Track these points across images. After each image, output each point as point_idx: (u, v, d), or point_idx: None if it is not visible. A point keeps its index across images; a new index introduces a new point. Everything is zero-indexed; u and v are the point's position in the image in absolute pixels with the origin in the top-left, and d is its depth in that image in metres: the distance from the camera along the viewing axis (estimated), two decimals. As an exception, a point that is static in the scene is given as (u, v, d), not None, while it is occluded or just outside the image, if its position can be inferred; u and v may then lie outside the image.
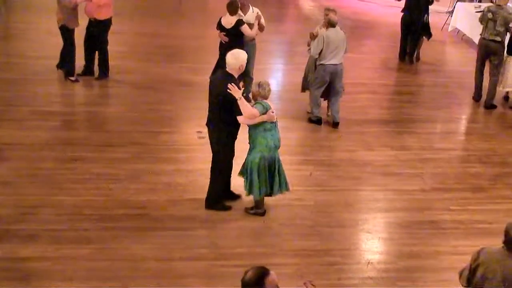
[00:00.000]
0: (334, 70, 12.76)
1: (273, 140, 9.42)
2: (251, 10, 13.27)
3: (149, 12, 19.85)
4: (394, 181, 11.07)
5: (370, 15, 21.17)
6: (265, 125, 9.33)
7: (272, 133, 9.42)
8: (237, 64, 9.32)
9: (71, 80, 13.87)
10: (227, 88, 9.04)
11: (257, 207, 9.87)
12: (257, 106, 9.22)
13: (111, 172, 10.58)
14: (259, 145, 9.39)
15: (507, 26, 14.33)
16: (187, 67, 15.36)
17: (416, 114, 13.93)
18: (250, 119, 9.19)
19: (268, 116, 9.24)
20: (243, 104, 9.08)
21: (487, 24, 14.51)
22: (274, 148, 9.45)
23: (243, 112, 9.10)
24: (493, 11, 14.44)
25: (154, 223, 9.36)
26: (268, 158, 9.43)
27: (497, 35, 14.41)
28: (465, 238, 9.58)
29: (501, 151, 12.40)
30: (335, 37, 12.62)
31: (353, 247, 9.31)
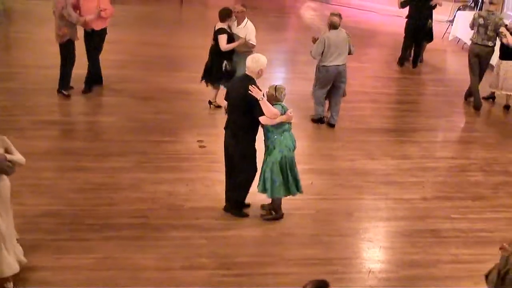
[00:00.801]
0: (337, 71, 12.99)
1: (291, 141, 9.59)
2: (243, 24, 13.12)
3: (149, 21, 19.89)
4: (395, 189, 11.07)
5: (370, 24, 21.19)
6: (284, 126, 9.47)
7: (290, 134, 9.59)
8: (257, 67, 9.38)
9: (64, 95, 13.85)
10: (248, 90, 9.11)
11: (276, 211, 9.95)
12: (277, 107, 9.34)
13: (112, 182, 10.58)
14: (279, 145, 9.50)
15: (497, 31, 14.53)
16: (187, 76, 15.35)
17: (417, 123, 13.94)
18: (272, 118, 9.25)
19: (287, 117, 9.37)
20: (265, 104, 9.16)
21: (478, 29, 14.76)
22: (293, 148, 9.62)
23: (265, 112, 9.16)
24: (484, 16, 14.70)
25: (155, 232, 9.35)
26: (289, 158, 9.55)
27: (489, 40, 14.71)
28: (466, 247, 9.57)
29: (503, 160, 12.39)
30: (336, 39, 12.86)
31: (354, 256, 9.30)
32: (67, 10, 13.09)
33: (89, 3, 13.63)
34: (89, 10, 13.61)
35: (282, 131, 9.49)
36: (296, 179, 9.72)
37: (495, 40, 14.76)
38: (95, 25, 13.83)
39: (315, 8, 23.35)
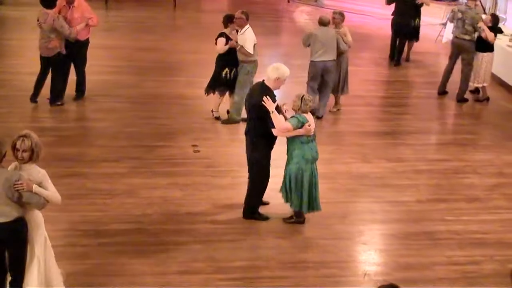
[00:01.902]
0: (324, 67, 13.57)
1: (310, 153, 9.55)
2: (242, 31, 13.02)
3: (143, 27, 19.90)
4: (390, 192, 11.09)
5: (366, 28, 21.22)
6: (302, 138, 9.45)
7: (310, 145, 9.55)
8: (273, 75, 9.47)
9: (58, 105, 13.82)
10: (262, 100, 9.20)
11: (298, 216, 9.97)
12: (292, 120, 9.34)
13: (107, 187, 10.60)
14: (296, 157, 9.52)
15: (474, 25, 14.99)
16: (183, 81, 15.40)
17: (411, 126, 13.97)
18: (283, 132, 9.32)
19: (304, 130, 9.36)
20: (276, 118, 9.22)
21: (457, 23, 15.32)
22: (311, 160, 9.58)
23: (276, 126, 9.25)
24: (462, 11, 15.26)
25: (150, 237, 9.37)
26: (308, 170, 9.54)
27: (466, 33, 15.17)
28: (461, 249, 9.58)
29: (497, 161, 12.42)
30: (322, 36, 13.45)
31: (349, 259, 9.31)
32: (60, 22, 12.99)
33: (74, 13, 13.52)
34: (74, 21, 13.50)
35: (299, 143, 9.49)
36: (311, 196, 9.70)
37: (473, 34, 15.20)
38: (80, 35, 13.68)
39: (308, 12, 23.39)
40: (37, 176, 7.34)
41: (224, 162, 11.70)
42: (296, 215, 9.97)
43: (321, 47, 13.47)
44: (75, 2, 13.57)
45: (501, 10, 20.41)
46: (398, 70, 17.66)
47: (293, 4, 24.29)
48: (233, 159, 11.79)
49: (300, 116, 9.41)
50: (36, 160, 7.37)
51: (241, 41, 12.87)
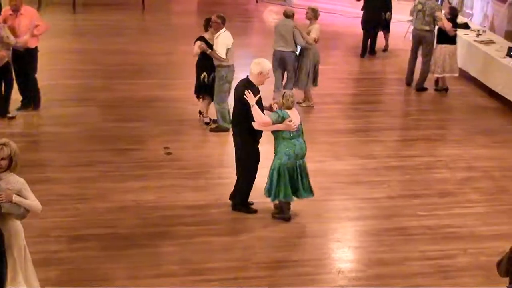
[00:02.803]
0: (281, 56, 14.31)
1: (293, 149, 9.65)
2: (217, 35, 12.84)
3: (112, 30, 19.80)
4: (362, 189, 11.14)
5: (336, 26, 21.25)
6: (283, 134, 9.61)
7: (293, 142, 9.66)
8: (256, 70, 9.74)
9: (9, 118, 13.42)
10: (244, 94, 9.41)
11: (282, 212, 10.07)
12: (272, 115, 9.53)
13: (78, 192, 10.54)
14: (279, 152, 9.71)
15: (433, 16, 15.53)
16: (153, 83, 15.34)
17: (382, 122, 14.03)
18: (263, 126, 9.53)
19: (284, 126, 9.52)
20: (256, 111, 9.41)
21: (417, 15, 15.82)
22: (294, 156, 9.68)
23: (255, 119, 9.45)
24: (422, 2, 15.74)
25: (124, 241, 9.34)
26: (288, 165, 9.68)
27: (427, 24, 15.71)
28: (434, 243, 9.65)
29: (467, 156, 12.51)
30: (281, 27, 14.30)
31: (324, 256, 9.34)
32: (5, 32, 12.64)
33: (21, 21, 13.05)
34: (22, 28, 13.03)
35: (282, 139, 9.64)
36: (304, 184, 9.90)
37: (433, 25, 15.72)
38: (29, 43, 13.20)
39: (277, 12, 23.37)
40: (16, 185, 7.25)
41: (197, 164, 11.68)
42: (281, 209, 10.08)
43: (280, 38, 14.25)
44: (22, 9, 13.11)
45: (468, 6, 20.57)
46: (368, 68, 17.74)
47: (262, 4, 24.29)
48: (206, 160, 11.79)
49: (281, 112, 9.56)
50: (14, 169, 7.30)
51: (215, 45, 12.82)
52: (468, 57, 16.61)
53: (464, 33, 17.20)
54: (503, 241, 9.72)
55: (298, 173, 9.82)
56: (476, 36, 16.84)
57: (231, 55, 12.84)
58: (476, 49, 16.28)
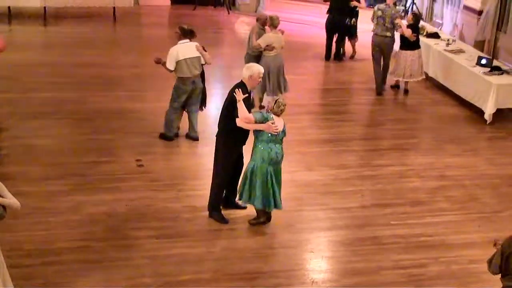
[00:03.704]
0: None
1: (269, 153, 9.74)
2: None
3: (83, 42, 19.71)
4: (335, 199, 11.17)
5: (306, 37, 21.30)
6: (263, 136, 9.71)
7: (271, 146, 9.76)
8: (246, 74, 9.97)
9: None
10: (234, 92, 9.69)
11: (258, 217, 10.17)
12: (256, 114, 9.71)
13: (50, 206, 10.48)
14: (254, 154, 9.83)
15: (393, 22, 15.96)
16: (124, 95, 15.29)
17: (353, 132, 14.09)
18: (246, 122, 9.64)
19: (266, 126, 9.63)
20: (241, 107, 9.60)
21: (377, 21, 16.19)
22: (268, 160, 9.77)
23: (239, 113, 9.60)
24: (382, 9, 16.19)
25: (95, 254, 9.29)
26: (261, 168, 9.77)
27: (387, 30, 16.15)
28: (406, 252, 9.71)
29: (438, 164, 12.59)
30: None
31: (297, 267, 9.36)
32: None
33: None
34: None
35: (261, 140, 9.76)
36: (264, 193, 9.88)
37: (393, 31, 16.20)
38: None
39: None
40: None
41: (168, 176, 11.66)
42: (257, 215, 10.18)
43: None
44: None
45: (438, 15, 20.73)
46: (339, 78, 17.79)
47: (233, 15, 24.32)
48: (177, 172, 11.77)
49: (266, 113, 9.73)
50: None
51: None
52: (438, 66, 16.75)
53: (434, 42, 17.35)
54: (474, 249, 9.83)
55: (270, 181, 9.85)
56: (446, 46, 16.98)
57: (185, 68, 12.59)
58: (446, 58, 16.41)
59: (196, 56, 12.63)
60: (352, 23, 18.59)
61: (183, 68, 12.58)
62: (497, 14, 17.24)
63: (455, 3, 19.63)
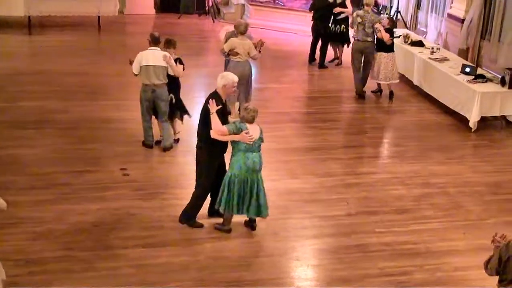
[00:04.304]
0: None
1: (245, 161, 9.76)
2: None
3: (68, 51, 19.69)
4: (320, 207, 11.19)
5: (291, 45, 21.35)
6: (239, 146, 9.74)
7: (248, 155, 9.77)
8: (220, 83, 9.96)
9: None
10: (208, 103, 9.65)
11: (223, 224, 10.21)
12: (229, 125, 9.70)
13: (36, 215, 10.46)
14: (232, 163, 9.86)
15: (373, 27, 16.23)
16: (109, 104, 15.28)
17: (338, 140, 14.13)
18: (219, 135, 9.66)
19: (240, 137, 9.65)
20: (215, 119, 9.60)
21: (357, 27, 16.48)
22: (245, 169, 9.79)
23: (212, 126, 9.61)
24: (361, 15, 16.42)
25: (82, 264, 9.27)
26: (239, 177, 9.78)
27: (368, 35, 16.46)
28: (392, 260, 9.74)
29: (423, 172, 12.64)
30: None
31: (283, 275, 9.37)
32: None
33: None
34: None
35: (238, 150, 9.79)
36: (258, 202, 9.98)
37: (373, 36, 16.46)
38: None
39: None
40: None
41: (153, 185, 11.66)
42: (224, 222, 10.22)
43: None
44: None
45: (422, 23, 20.84)
46: (323, 86, 17.81)
47: (218, 24, 24.33)
48: (162, 181, 11.77)
49: (239, 123, 9.73)
50: None
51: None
52: (422, 74, 16.83)
53: (419, 50, 17.45)
54: (459, 256, 9.88)
55: (249, 189, 9.89)
56: (430, 54, 17.07)
57: (144, 74, 12.57)
58: (430, 66, 16.49)
59: (160, 65, 12.53)
60: (342, 29, 18.72)
61: (143, 75, 12.59)
62: (481, 23, 17.33)
63: (439, 12, 19.77)
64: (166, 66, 12.52)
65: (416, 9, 21.29)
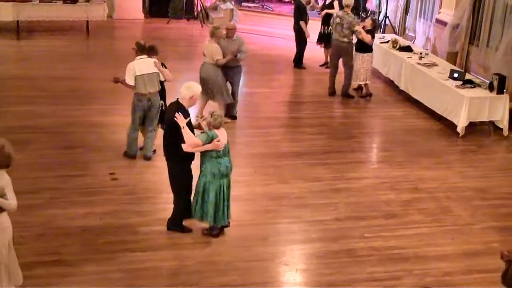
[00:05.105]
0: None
1: (219, 167, 9.81)
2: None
3: (57, 56, 19.66)
4: (308, 212, 11.20)
5: (279, 50, 21.38)
6: (211, 153, 9.74)
7: (220, 160, 9.81)
8: (187, 94, 9.81)
9: None
10: (174, 116, 9.49)
11: (211, 229, 10.22)
12: (202, 136, 9.67)
13: (24, 220, 10.38)
14: (204, 170, 9.85)
15: (351, 29, 16.76)
16: (98, 108, 15.26)
17: (327, 145, 14.12)
18: (193, 148, 9.61)
19: (213, 145, 9.65)
20: (186, 133, 9.52)
21: (336, 28, 17.03)
22: (219, 175, 9.86)
23: (186, 140, 9.54)
24: (340, 16, 17.01)
25: (69, 268, 9.25)
26: (215, 184, 9.84)
27: (345, 36, 16.95)
28: (380, 265, 9.74)
29: (411, 177, 12.66)
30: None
31: (271, 280, 9.37)
32: None
33: None
34: None
35: (209, 157, 9.79)
36: (217, 209, 9.98)
37: (351, 37, 16.99)
38: None
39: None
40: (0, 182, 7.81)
41: (142, 189, 11.64)
42: (210, 227, 10.21)
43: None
44: None
45: (410, 28, 20.90)
46: (312, 91, 17.81)
47: (207, 28, 24.29)
48: (151, 185, 11.75)
49: (210, 132, 9.73)
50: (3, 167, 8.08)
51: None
52: (411, 79, 16.87)
53: (407, 55, 17.49)
54: (448, 261, 9.89)
55: (223, 195, 9.98)
56: (419, 59, 17.11)
57: (141, 84, 12.44)
58: (419, 71, 16.53)
59: (153, 72, 12.48)
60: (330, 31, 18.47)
61: (139, 84, 12.44)
62: (469, 28, 17.38)
63: (427, 17, 19.84)
64: (158, 72, 12.51)
65: (404, 14, 21.36)
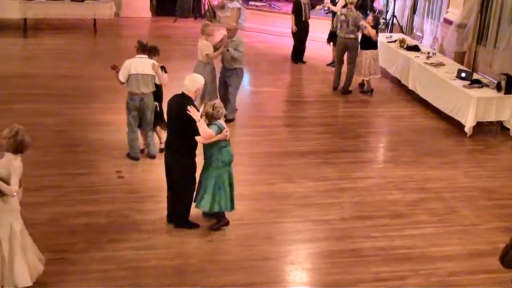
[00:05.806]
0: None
1: (228, 156, 10.00)
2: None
3: (62, 54, 19.66)
4: (314, 211, 11.15)
5: (286, 49, 21.30)
6: (220, 143, 9.87)
7: (227, 149, 9.99)
8: (194, 86, 9.91)
9: None
10: (186, 109, 9.55)
11: (221, 221, 10.31)
12: (213, 127, 9.75)
13: (29, 217, 10.25)
14: (215, 161, 9.94)
15: (357, 25, 17.02)
16: (102, 107, 15.24)
17: (332, 144, 14.07)
18: (207, 139, 9.70)
19: (222, 135, 9.81)
20: (202, 125, 9.61)
21: (341, 25, 17.29)
22: (228, 163, 10.05)
23: (201, 133, 9.62)
24: (345, 14, 17.26)
25: (74, 266, 9.23)
26: (224, 173, 9.99)
27: (351, 33, 17.22)
28: (386, 265, 9.69)
29: (418, 177, 12.61)
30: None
31: (277, 279, 9.32)
32: None
33: None
34: None
35: (218, 148, 9.91)
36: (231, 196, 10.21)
37: (357, 33, 17.22)
38: None
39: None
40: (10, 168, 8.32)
41: (146, 188, 11.62)
42: (219, 219, 10.30)
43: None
44: None
45: (418, 28, 20.83)
46: (318, 90, 17.78)
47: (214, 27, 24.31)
48: (155, 184, 11.70)
49: (219, 123, 9.83)
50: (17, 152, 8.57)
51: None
52: (418, 79, 16.82)
53: (415, 55, 17.43)
54: (454, 261, 9.84)
55: (232, 180, 10.21)
56: (426, 58, 17.06)
57: (134, 83, 12.36)
58: (426, 71, 16.47)
59: (148, 73, 12.37)
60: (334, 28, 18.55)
61: (132, 83, 12.38)
62: (477, 27, 17.33)
63: (435, 16, 19.78)
64: (154, 74, 12.40)
65: (412, 14, 21.30)
